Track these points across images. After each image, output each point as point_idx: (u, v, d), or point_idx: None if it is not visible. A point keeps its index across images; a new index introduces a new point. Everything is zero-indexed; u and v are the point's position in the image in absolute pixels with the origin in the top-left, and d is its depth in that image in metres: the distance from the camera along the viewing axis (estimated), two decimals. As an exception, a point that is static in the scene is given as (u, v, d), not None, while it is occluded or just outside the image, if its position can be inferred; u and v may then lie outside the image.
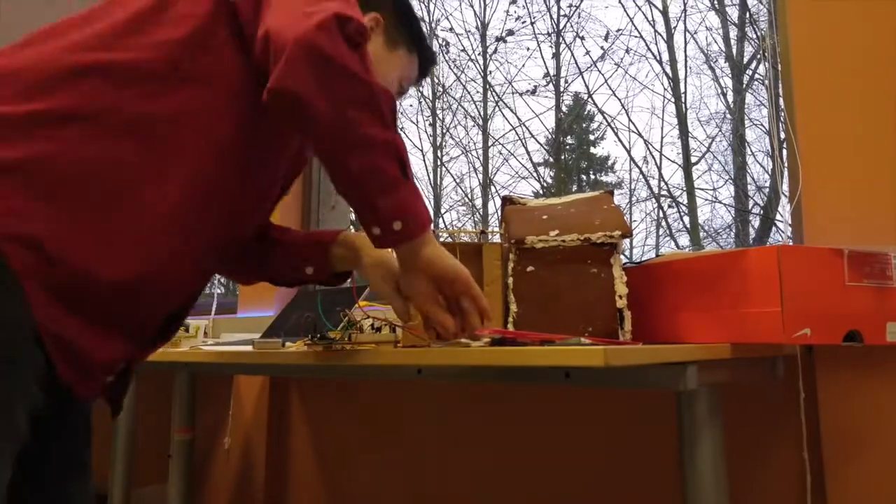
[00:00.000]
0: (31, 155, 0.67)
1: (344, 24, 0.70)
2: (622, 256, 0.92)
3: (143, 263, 0.71)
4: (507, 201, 1.08)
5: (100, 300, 0.70)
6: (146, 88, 0.72)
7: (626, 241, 0.91)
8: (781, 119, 1.25)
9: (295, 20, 0.70)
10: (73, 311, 0.68)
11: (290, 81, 0.68)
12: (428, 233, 0.77)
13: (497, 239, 1.04)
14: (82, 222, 0.68)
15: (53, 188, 0.67)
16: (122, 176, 0.70)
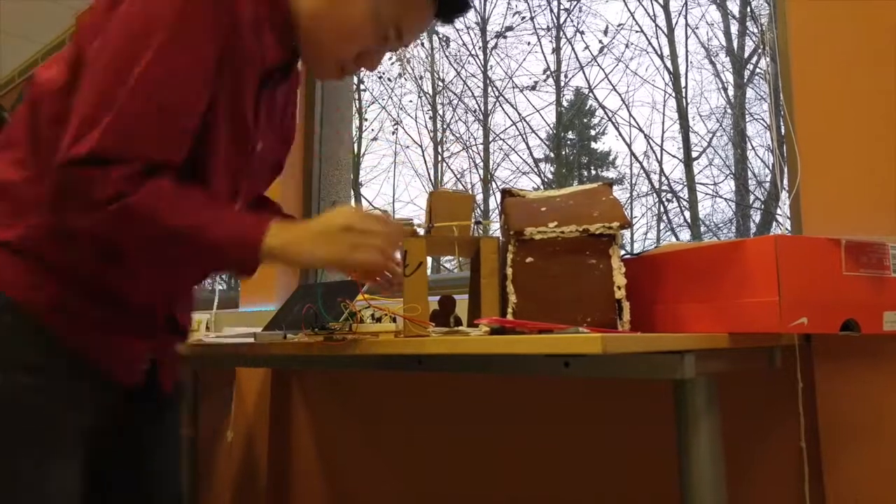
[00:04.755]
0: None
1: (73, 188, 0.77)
2: (622, 249, 0.93)
3: (126, 291, 0.87)
4: (506, 193, 1.09)
5: (103, 318, 0.85)
6: None
7: (627, 235, 0.91)
8: (782, 114, 1.25)
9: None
10: (87, 329, 0.84)
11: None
12: (257, 260, 0.80)
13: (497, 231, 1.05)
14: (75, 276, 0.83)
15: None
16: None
